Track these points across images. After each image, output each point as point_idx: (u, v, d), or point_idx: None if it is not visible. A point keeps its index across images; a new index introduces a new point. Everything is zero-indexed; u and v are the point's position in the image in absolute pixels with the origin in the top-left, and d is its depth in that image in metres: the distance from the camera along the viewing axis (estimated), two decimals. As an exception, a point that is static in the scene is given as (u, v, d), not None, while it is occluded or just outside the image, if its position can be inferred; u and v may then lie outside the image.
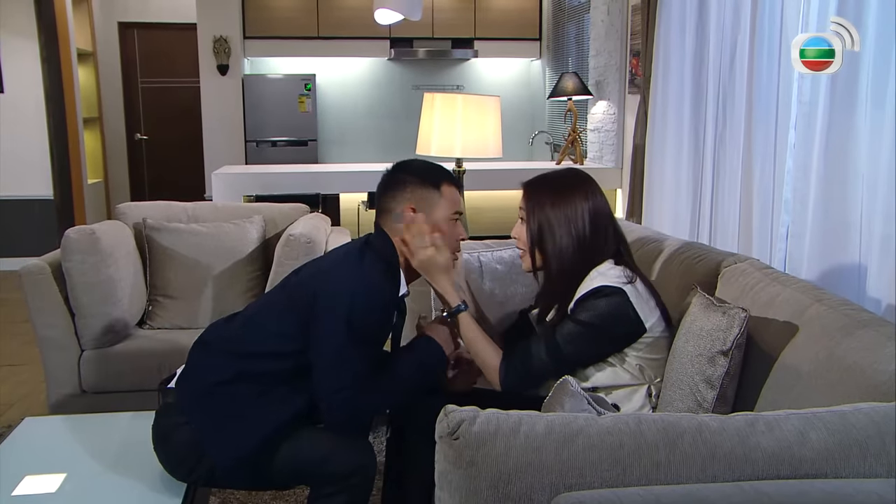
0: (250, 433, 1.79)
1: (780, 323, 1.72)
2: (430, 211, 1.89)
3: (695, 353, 1.70)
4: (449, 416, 1.17)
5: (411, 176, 1.92)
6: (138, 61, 7.99)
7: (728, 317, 1.66)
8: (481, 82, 7.49)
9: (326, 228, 3.38)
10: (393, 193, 1.91)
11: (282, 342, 1.82)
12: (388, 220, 1.92)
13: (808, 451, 1.15)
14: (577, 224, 1.84)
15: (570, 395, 1.56)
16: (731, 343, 1.64)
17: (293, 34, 6.86)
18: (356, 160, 7.13)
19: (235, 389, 1.83)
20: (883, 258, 2.37)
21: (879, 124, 2.36)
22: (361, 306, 1.75)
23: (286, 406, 1.82)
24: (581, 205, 1.85)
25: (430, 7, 6.85)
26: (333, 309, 1.75)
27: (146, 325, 3.14)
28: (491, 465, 1.12)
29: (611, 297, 1.77)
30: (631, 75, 4.84)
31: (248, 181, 4.97)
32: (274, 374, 1.83)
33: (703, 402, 1.67)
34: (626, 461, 1.13)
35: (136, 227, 3.27)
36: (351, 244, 1.96)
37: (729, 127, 3.38)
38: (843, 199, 2.54)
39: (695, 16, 3.62)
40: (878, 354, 1.42)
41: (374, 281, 1.80)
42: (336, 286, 1.78)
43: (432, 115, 3.26)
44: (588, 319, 1.78)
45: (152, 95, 8.06)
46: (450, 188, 1.92)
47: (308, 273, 1.91)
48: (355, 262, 1.83)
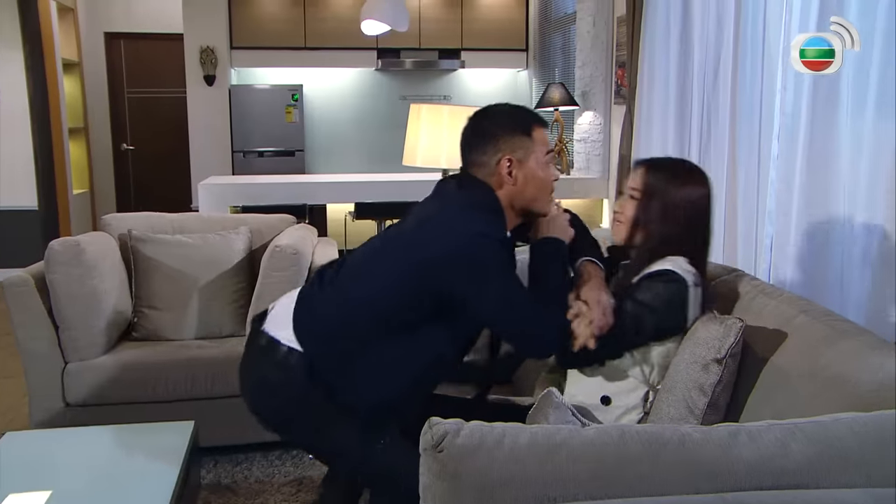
0: (394, 377, 1.78)
1: (767, 334, 1.74)
2: (526, 158, 1.83)
3: (690, 360, 1.71)
4: (433, 429, 1.17)
5: (500, 126, 1.85)
6: (125, 71, 7.97)
7: (725, 326, 1.68)
8: (468, 93, 7.52)
9: (313, 239, 3.38)
10: (483, 147, 1.84)
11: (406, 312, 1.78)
12: (484, 172, 1.84)
13: (789, 462, 1.16)
14: (688, 211, 1.86)
15: (554, 407, 1.56)
16: (726, 352, 1.65)
17: (280, 44, 6.87)
18: (343, 170, 7.13)
19: (366, 339, 1.79)
20: (864, 269, 2.39)
21: (859, 136, 2.39)
22: (494, 256, 1.72)
23: (423, 351, 1.80)
24: (698, 194, 1.88)
25: (416, 18, 6.87)
26: (476, 278, 1.70)
27: (132, 336, 3.12)
28: (475, 478, 1.12)
29: (671, 284, 1.79)
30: (617, 86, 4.87)
31: (234, 192, 4.96)
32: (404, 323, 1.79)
33: (695, 409, 1.67)
34: (609, 473, 1.14)
35: (121, 238, 3.25)
36: (447, 203, 1.86)
37: (713, 138, 3.40)
38: (826, 210, 2.57)
39: (679, 28, 3.66)
40: (858, 364, 1.44)
41: (490, 230, 1.75)
42: (462, 250, 1.71)
43: (418, 126, 3.26)
44: (646, 301, 1.78)
45: (139, 106, 8.03)
46: (539, 131, 1.87)
47: (422, 252, 1.76)
48: (467, 220, 1.76)
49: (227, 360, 2.95)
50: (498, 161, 1.82)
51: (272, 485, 2.78)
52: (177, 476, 1.91)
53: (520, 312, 1.75)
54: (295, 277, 2.95)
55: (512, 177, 1.82)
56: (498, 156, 1.82)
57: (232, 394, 2.92)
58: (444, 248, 1.71)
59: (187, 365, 2.92)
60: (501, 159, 1.81)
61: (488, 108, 1.92)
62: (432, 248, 1.73)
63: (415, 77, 7.45)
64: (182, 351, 2.99)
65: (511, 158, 1.81)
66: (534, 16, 7.07)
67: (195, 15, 6.64)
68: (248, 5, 6.78)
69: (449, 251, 1.71)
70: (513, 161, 1.82)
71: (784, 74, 2.79)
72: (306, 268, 3.04)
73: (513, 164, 1.82)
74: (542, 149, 1.86)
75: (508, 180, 1.82)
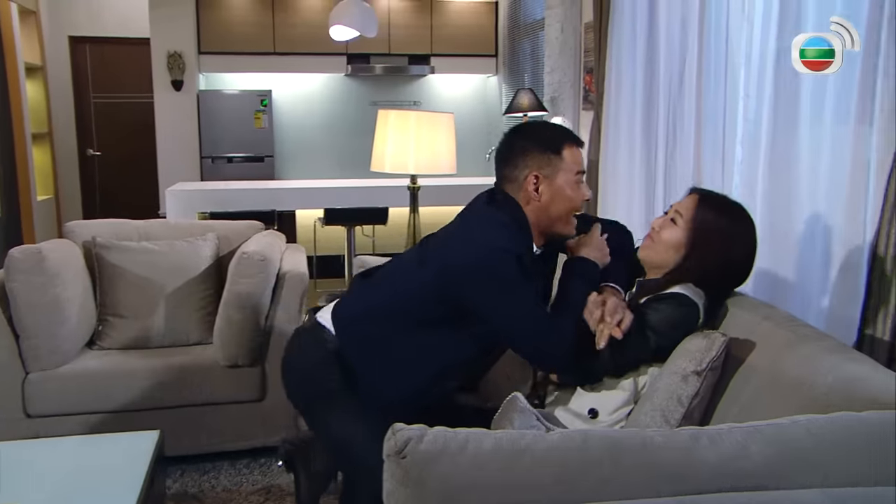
0: (410, 373, 1.88)
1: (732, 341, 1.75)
2: (554, 176, 1.87)
3: (671, 370, 1.72)
4: (396, 435, 1.17)
5: (530, 142, 1.89)
6: (90, 76, 7.85)
7: (709, 340, 1.69)
8: (438, 98, 7.54)
9: (281, 246, 3.36)
10: (514, 161, 1.89)
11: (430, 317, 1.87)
12: (513, 188, 1.90)
13: (748, 464, 1.17)
14: (728, 256, 1.85)
15: (519, 412, 1.57)
16: (707, 364, 1.66)
17: (249, 50, 6.83)
18: (313, 176, 7.11)
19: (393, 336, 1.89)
20: (825, 272, 2.43)
21: (818, 141, 2.43)
22: (509, 269, 1.77)
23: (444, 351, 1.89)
24: (742, 242, 1.86)
25: (386, 23, 6.88)
26: (491, 290, 1.78)
27: (96, 345, 3.07)
28: (438, 484, 1.12)
29: (682, 308, 1.79)
30: (585, 92, 4.91)
31: (202, 198, 4.92)
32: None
33: (670, 420, 1.68)
34: (571, 478, 1.14)
35: (85, 245, 3.21)
36: (473, 216, 1.94)
37: (679, 143, 3.44)
38: (788, 215, 2.61)
39: (645, 34, 3.69)
40: (816, 367, 1.46)
41: (510, 245, 1.80)
42: (480, 262, 1.79)
43: (386, 132, 3.26)
44: (656, 326, 1.78)
45: (105, 111, 7.92)
46: (571, 150, 1.90)
47: (445, 261, 1.86)
48: (488, 234, 1.83)
49: (194, 367, 2.92)
50: (525, 177, 1.87)
51: (240, 493, 2.75)
52: (140, 486, 1.88)
53: (532, 326, 1.80)
54: (262, 284, 2.93)
55: (538, 193, 1.87)
56: (526, 171, 1.87)
57: (200, 402, 2.91)
58: (463, 259, 1.80)
59: (154, 373, 2.88)
60: (529, 175, 1.87)
61: (523, 125, 2.01)
62: (453, 258, 1.82)
63: (385, 83, 7.44)
64: (148, 359, 2.96)
65: (538, 175, 1.86)
66: (503, 22, 7.11)
67: (162, 19, 6.57)
68: (216, 10, 6.74)
69: (467, 262, 1.79)
70: (539, 177, 1.86)
71: (747, 81, 2.83)
72: (274, 274, 3.02)
73: (539, 181, 1.86)
74: (573, 168, 1.89)
75: (535, 196, 1.87)
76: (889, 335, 1.96)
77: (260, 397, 2.98)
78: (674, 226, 1.89)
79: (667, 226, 1.91)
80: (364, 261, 2.78)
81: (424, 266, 1.88)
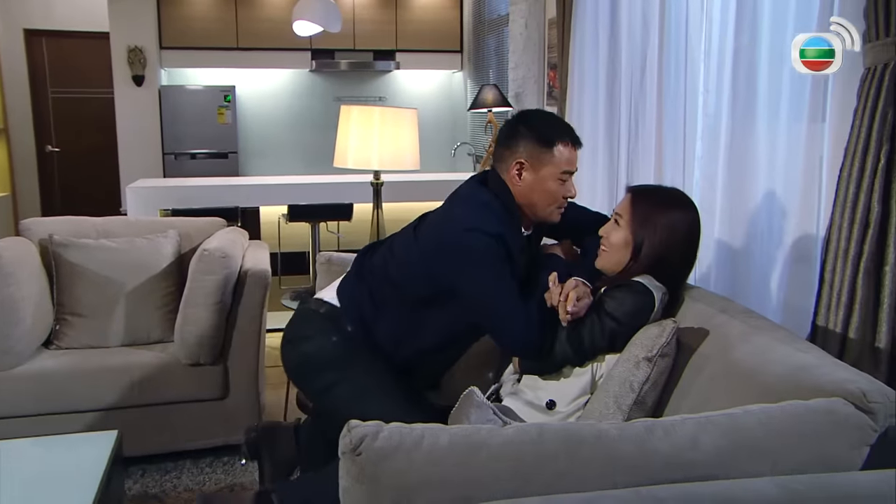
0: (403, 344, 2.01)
1: (689, 333, 1.79)
2: (539, 167, 1.92)
3: (625, 358, 1.75)
4: (352, 432, 1.17)
5: (527, 130, 1.95)
6: (47, 70, 7.68)
7: (660, 327, 1.73)
8: (404, 94, 7.52)
9: (244, 242, 3.32)
10: (508, 143, 1.96)
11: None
12: (502, 168, 1.96)
13: (700, 455, 1.19)
14: (672, 241, 1.89)
15: (475, 406, 1.57)
16: (657, 350, 1.69)
17: (212, 45, 6.74)
18: (278, 173, 7.04)
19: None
20: (782, 265, 2.48)
21: (775, 137, 2.47)
22: (482, 249, 1.84)
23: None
24: (682, 225, 1.91)
25: (350, 19, 6.84)
26: (462, 269, 1.86)
27: (53, 345, 3.01)
28: (393, 481, 1.12)
29: (638, 296, 1.82)
30: (549, 87, 4.93)
31: (164, 195, 4.84)
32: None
33: (622, 406, 1.70)
34: (527, 472, 1.15)
35: (42, 243, 3.14)
36: (461, 195, 2.01)
37: (641, 138, 3.47)
38: (746, 209, 2.65)
39: (607, 31, 3.72)
40: (768, 358, 1.49)
41: (486, 226, 1.86)
42: (452, 240, 1.88)
43: (349, 127, 3.24)
44: (611, 312, 1.81)
45: (64, 106, 7.75)
46: (564, 148, 1.94)
47: (432, 242, 1.95)
48: (467, 214, 1.91)
49: (155, 366, 2.88)
50: (513, 161, 1.93)
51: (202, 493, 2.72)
52: (96, 489, 1.85)
53: (499, 307, 1.86)
54: (224, 281, 2.90)
55: (521, 179, 1.93)
56: (515, 156, 1.94)
57: (161, 401, 2.88)
58: (440, 237, 1.91)
59: (113, 373, 2.84)
60: (515, 160, 1.93)
61: (528, 112, 2.09)
62: (434, 236, 1.93)
63: (350, 78, 7.40)
64: (108, 358, 2.91)
65: (523, 162, 1.92)
66: (468, 17, 7.11)
67: (121, 13, 6.46)
68: (177, 5, 6.64)
69: (442, 240, 1.90)
70: (524, 164, 1.92)
71: (706, 77, 2.86)
72: (236, 271, 2.99)
73: (524, 168, 1.93)
74: (561, 165, 1.94)
75: (517, 181, 1.94)
76: (841, 327, 2.00)
77: (222, 395, 2.95)
78: (617, 227, 1.94)
79: (612, 229, 1.96)
80: (328, 256, 2.77)
81: (416, 244, 1.97)
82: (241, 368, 2.97)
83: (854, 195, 1.95)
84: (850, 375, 1.34)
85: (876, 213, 1.90)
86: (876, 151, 1.89)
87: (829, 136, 2.19)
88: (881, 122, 1.87)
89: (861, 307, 1.94)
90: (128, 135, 6.60)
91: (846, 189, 1.98)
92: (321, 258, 2.77)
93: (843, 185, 1.99)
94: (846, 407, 1.26)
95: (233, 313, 2.97)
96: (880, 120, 1.87)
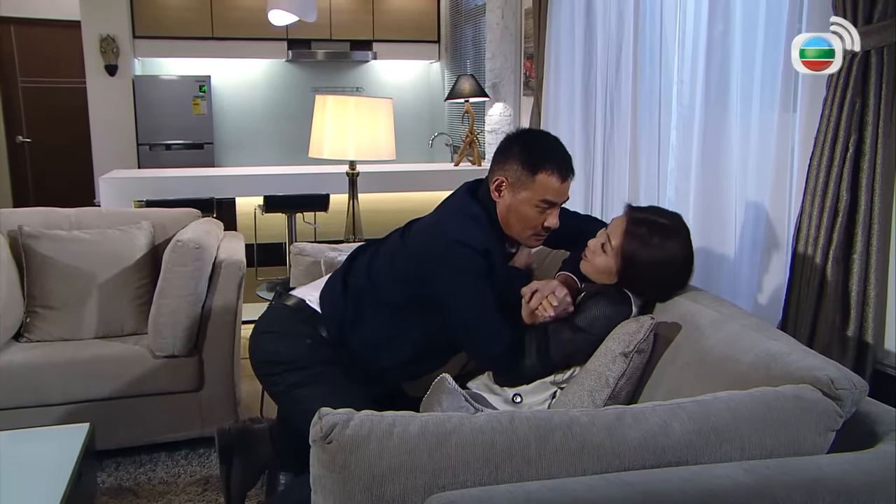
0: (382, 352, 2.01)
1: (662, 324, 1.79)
2: (518, 190, 1.91)
3: (601, 353, 1.76)
4: (323, 420, 1.16)
5: (520, 151, 1.92)
6: (17, 59, 7.54)
7: (638, 323, 1.73)
8: (381, 84, 7.48)
9: (218, 233, 3.29)
10: (499, 159, 1.95)
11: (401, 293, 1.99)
12: (490, 180, 1.97)
13: (670, 441, 1.20)
14: (657, 281, 1.86)
15: (447, 393, 1.57)
16: (634, 346, 1.69)
17: (186, 34, 6.67)
18: (254, 163, 6.99)
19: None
20: (754, 254, 2.50)
21: (747, 126, 2.50)
22: (462, 262, 1.85)
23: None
24: (670, 269, 1.84)
25: (327, 8, 6.79)
26: (440, 280, 1.87)
27: (24, 338, 2.97)
28: (364, 468, 1.12)
29: (615, 306, 1.82)
30: (525, 77, 4.93)
31: (138, 186, 4.78)
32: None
33: (596, 400, 1.71)
34: (498, 459, 1.15)
35: (11, 234, 3.09)
36: (448, 205, 2.02)
37: (616, 128, 3.49)
38: (720, 198, 2.67)
39: (583, 21, 3.73)
40: (738, 346, 1.51)
41: (469, 239, 1.87)
42: (434, 251, 1.88)
43: (324, 117, 3.22)
44: (584, 325, 1.81)
45: (35, 96, 7.61)
46: (548, 177, 1.88)
47: (415, 252, 1.95)
48: (450, 226, 1.92)
49: (129, 358, 2.85)
50: (496, 177, 1.93)
51: (177, 485, 2.71)
52: (66, 482, 1.83)
53: (474, 320, 1.88)
54: (198, 273, 2.87)
55: (500, 196, 1.93)
56: (499, 172, 1.93)
57: (135, 393, 2.85)
58: (422, 247, 1.91)
59: (86, 365, 2.80)
60: (498, 177, 1.93)
61: (530, 132, 2.09)
62: (420, 244, 1.93)
63: (327, 68, 7.35)
64: (80, 351, 2.87)
65: (503, 180, 1.92)
66: (445, 7, 7.09)
67: (93, 2, 6.35)
68: (150, -7, 6.55)
69: (423, 251, 1.90)
70: (504, 182, 1.92)
71: (680, 67, 2.88)
72: (210, 262, 2.97)
73: (503, 185, 1.92)
74: (542, 193, 1.89)
75: (497, 197, 1.94)
76: (811, 314, 2.02)
77: (197, 387, 2.93)
78: (604, 254, 1.88)
79: (598, 252, 1.90)
80: (301, 248, 2.76)
81: (403, 250, 1.97)
82: (217, 360, 2.94)
83: (824, 184, 1.97)
84: (819, 363, 1.35)
85: (844, 202, 1.93)
86: (844, 141, 1.91)
87: (801, 125, 2.22)
88: (849, 112, 1.90)
89: (831, 294, 1.97)
90: (101, 125, 6.51)
91: (816, 178, 2.00)
92: (294, 249, 2.76)
93: (812, 174, 2.02)
94: (814, 393, 1.28)
95: (207, 305, 2.95)
96: (848, 109, 1.90)
